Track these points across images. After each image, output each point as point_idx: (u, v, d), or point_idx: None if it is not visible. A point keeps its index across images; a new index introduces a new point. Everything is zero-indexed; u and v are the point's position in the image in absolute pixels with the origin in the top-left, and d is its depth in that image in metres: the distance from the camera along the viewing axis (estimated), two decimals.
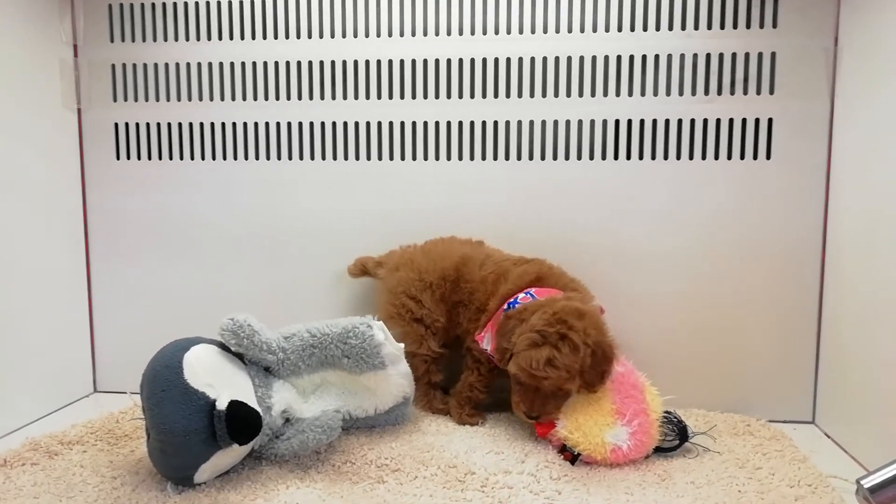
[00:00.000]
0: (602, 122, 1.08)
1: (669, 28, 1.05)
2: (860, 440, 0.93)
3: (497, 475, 0.83)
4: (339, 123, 1.13)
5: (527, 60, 1.08)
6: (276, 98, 1.13)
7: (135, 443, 0.93)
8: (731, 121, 1.05)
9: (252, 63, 1.13)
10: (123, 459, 0.88)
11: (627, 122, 1.07)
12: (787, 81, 1.03)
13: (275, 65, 1.13)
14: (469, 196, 1.12)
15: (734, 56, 1.04)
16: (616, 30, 1.06)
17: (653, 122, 1.07)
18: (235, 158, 1.16)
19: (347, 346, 0.90)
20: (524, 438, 0.94)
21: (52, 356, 1.10)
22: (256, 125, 1.14)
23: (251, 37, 1.13)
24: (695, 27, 1.05)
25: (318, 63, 1.12)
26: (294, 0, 1.11)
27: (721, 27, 1.04)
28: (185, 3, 1.13)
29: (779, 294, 1.06)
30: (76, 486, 0.80)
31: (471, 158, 1.11)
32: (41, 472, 0.84)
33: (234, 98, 1.14)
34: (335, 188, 1.14)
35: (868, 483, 0.63)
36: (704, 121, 1.06)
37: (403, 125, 1.12)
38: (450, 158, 1.12)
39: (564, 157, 1.09)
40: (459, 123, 1.11)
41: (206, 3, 1.13)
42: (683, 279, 1.08)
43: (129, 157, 1.17)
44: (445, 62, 1.10)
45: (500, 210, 1.11)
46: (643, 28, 1.06)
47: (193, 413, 0.77)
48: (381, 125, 1.12)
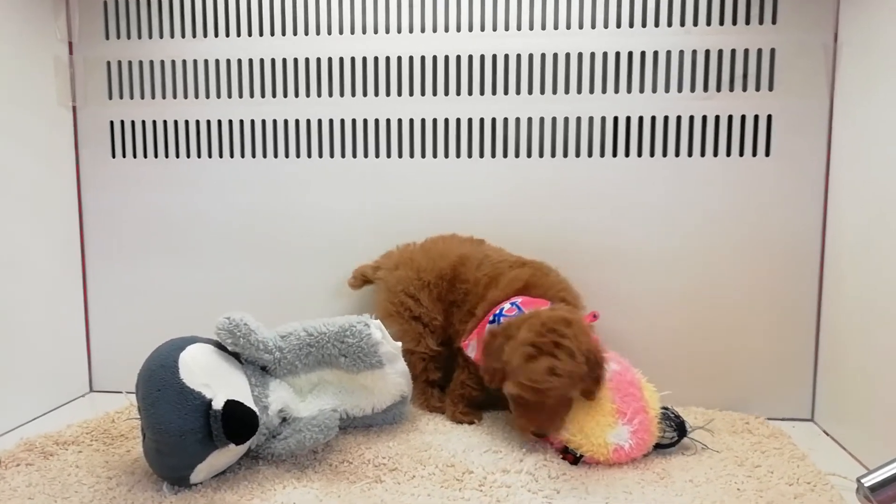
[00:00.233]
0: (601, 119, 1.07)
1: (668, 24, 1.04)
2: (859, 438, 0.93)
3: (495, 474, 0.82)
4: (337, 121, 1.12)
5: (525, 57, 1.08)
6: (273, 95, 1.13)
7: (131, 443, 0.92)
8: (731, 117, 1.05)
9: (248, 60, 1.12)
10: (119, 460, 0.87)
11: (626, 119, 1.07)
12: (787, 78, 1.03)
13: (271, 62, 1.12)
14: (466, 193, 1.11)
15: (733, 52, 1.03)
16: (615, 26, 1.05)
17: (652, 119, 1.06)
18: (232, 156, 1.15)
19: (344, 345, 0.90)
20: (522, 437, 0.93)
21: (48, 356, 1.10)
22: (253, 123, 1.14)
23: (247, 34, 1.12)
24: (694, 23, 1.04)
25: (315, 60, 1.11)
26: None
27: (720, 23, 1.03)
28: (181, 0, 1.12)
29: (778, 291, 1.06)
30: (71, 487, 0.79)
31: (468, 156, 1.11)
32: (36, 473, 0.83)
33: (231, 95, 1.14)
34: (333, 186, 1.14)
35: (868, 482, 0.62)
36: (703, 118, 1.05)
37: (401, 122, 1.11)
38: (448, 156, 1.11)
39: (563, 155, 1.09)
40: (457, 120, 1.10)
41: (202, 0, 1.12)
42: (682, 277, 1.08)
43: (125, 156, 1.17)
44: (443, 59, 1.09)
45: (497, 208, 1.11)
46: (642, 24, 1.05)
47: (189, 413, 0.76)
48: (379, 122, 1.12)
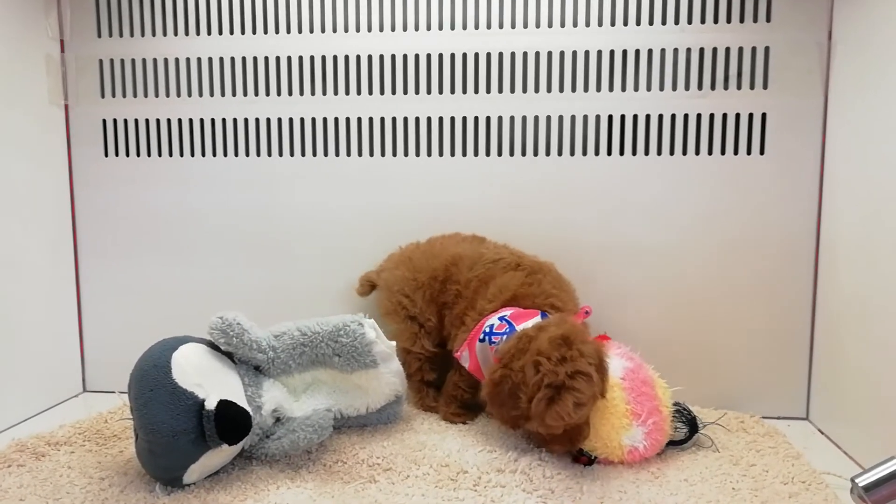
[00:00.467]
0: (595, 118, 1.07)
1: (662, 22, 1.04)
2: (854, 436, 0.93)
3: (490, 474, 0.82)
4: (330, 119, 1.12)
5: (519, 55, 1.07)
6: (266, 94, 1.12)
7: (123, 443, 0.92)
8: (725, 116, 1.05)
9: (241, 58, 1.12)
10: (112, 460, 0.87)
11: (620, 118, 1.07)
12: (781, 76, 1.02)
13: (265, 60, 1.12)
14: (461, 192, 1.11)
15: (727, 51, 1.03)
16: (609, 24, 1.05)
17: (646, 118, 1.06)
18: (225, 155, 1.14)
19: (338, 345, 0.89)
20: (517, 437, 0.93)
21: (41, 356, 1.09)
22: (246, 121, 1.13)
23: (240, 32, 1.12)
24: (688, 21, 1.04)
25: (309, 58, 1.11)
26: None
27: (714, 21, 1.03)
28: None
29: (772, 290, 1.06)
30: (63, 488, 0.79)
31: (463, 154, 1.11)
32: (27, 474, 0.83)
33: (224, 94, 1.13)
34: (327, 185, 1.13)
35: (863, 481, 0.62)
36: (697, 116, 1.05)
37: (395, 121, 1.11)
38: (442, 154, 1.11)
39: (558, 153, 1.09)
40: (451, 119, 1.10)
41: None
42: (676, 275, 1.08)
43: (118, 154, 1.16)
44: (437, 57, 1.09)
45: (493, 206, 1.10)
46: (636, 22, 1.05)
47: (182, 413, 0.76)
48: (373, 121, 1.11)
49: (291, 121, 1.13)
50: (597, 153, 1.08)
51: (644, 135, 1.07)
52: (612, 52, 1.06)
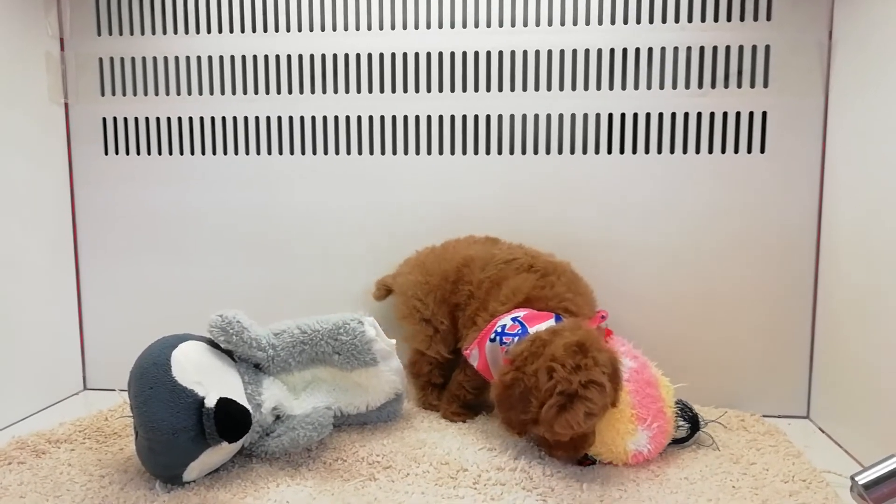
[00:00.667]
0: (595, 116, 1.07)
1: (663, 21, 1.04)
2: (854, 435, 0.93)
3: (489, 472, 0.82)
4: (331, 118, 1.12)
5: (519, 54, 1.07)
6: (266, 93, 1.12)
7: (124, 441, 0.92)
8: (725, 114, 1.04)
9: (241, 57, 1.12)
10: (112, 458, 0.87)
11: (621, 116, 1.07)
12: (781, 75, 1.02)
13: (264, 59, 1.12)
14: (462, 191, 1.11)
15: (728, 49, 1.03)
16: (609, 23, 1.05)
17: (646, 116, 1.06)
18: (226, 153, 1.14)
19: (338, 343, 0.89)
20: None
21: (41, 353, 1.09)
22: (247, 120, 1.13)
23: (240, 30, 1.11)
24: (688, 20, 1.04)
25: (309, 57, 1.11)
26: None
27: (715, 20, 1.03)
28: None
29: (773, 288, 1.06)
30: (63, 485, 0.79)
31: (463, 153, 1.10)
32: (28, 472, 0.83)
33: (224, 92, 1.13)
34: (328, 183, 1.13)
35: (863, 479, 0.62)
36: (698, 114, 1.05)
37: (395, 120, 1.11)
38: (441, 153, 1.11)
39: (557, 152, 1.09)
40: (452, 118, 1.10)
41: None
42: (676, 273, 1.08)
43: (118, 153, 1.16)
44: (437, 56, 1.09)
45: (494, 204, 1.10)
46: (636, 21, 1.05)
47: (182, 411, 0.76)
48: (373, 120, 1.11)
49: (291, 119, 1.12)
50: (597, 151, 1.08)
51: (645, 133, 1.07)
52: (613, 51, 1.06)
